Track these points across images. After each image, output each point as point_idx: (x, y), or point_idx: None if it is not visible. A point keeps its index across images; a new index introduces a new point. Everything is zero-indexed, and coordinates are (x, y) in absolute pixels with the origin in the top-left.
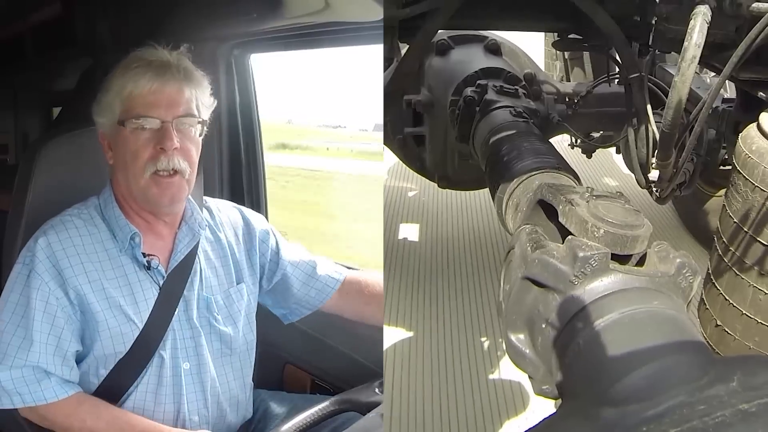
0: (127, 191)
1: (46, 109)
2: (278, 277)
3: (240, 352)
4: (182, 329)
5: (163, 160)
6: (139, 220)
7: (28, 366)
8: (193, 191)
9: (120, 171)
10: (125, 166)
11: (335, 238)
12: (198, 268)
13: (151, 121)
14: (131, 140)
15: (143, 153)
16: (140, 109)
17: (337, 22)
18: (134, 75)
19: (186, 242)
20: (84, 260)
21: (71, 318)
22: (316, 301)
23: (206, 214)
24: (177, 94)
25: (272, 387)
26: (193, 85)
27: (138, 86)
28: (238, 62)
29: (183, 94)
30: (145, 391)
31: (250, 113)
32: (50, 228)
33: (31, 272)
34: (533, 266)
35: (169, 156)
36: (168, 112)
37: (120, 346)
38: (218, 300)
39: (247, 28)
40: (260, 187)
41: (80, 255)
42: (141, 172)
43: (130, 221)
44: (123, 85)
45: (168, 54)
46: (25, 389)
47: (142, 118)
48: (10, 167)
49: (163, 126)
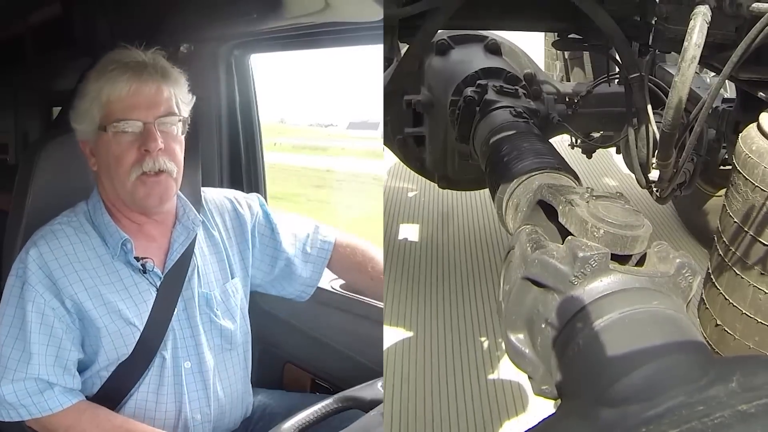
0: (114, 195)
1: (46, 109)
2: (281, 263)
3: (239, 347)
4: (182, 328)
5: (148, 162)
6: (130, 223)
7: (30, 378)
8: (190, 189)
9: (105, 176)
10: (110, 171)
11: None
12: (195, 264)
13: (132, 123)
14: (114, 144)
15: (128, 156)
16: (120, 112)
17: (337, 22)
18: (111, 78)
19: (181, 241)
20: (78, 268)
21: (70, 327)
22: (317, 274)
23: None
24: (156, 95)
25: (272, 386)
26: (170, 83)
27: (116, 89)
28: (238, 62)
29: (162, 94)
30: (146, 391)
31: (250, 113)
32: (40, 238)
33: (24, 284)
34: (533, 266)
35: (154, 157)
36: (149, 113)
37: (122, 349)
38: (216, 295)
39: (247, 28)
40: (260, 187)
41: (73, 264)
42: (127, 175)
43: (121, 226)
44: (100, 90)
45: (143, 54)
46: (29, 401)
47: (123, 121)
48: (10, 167)
49: (146, 127)
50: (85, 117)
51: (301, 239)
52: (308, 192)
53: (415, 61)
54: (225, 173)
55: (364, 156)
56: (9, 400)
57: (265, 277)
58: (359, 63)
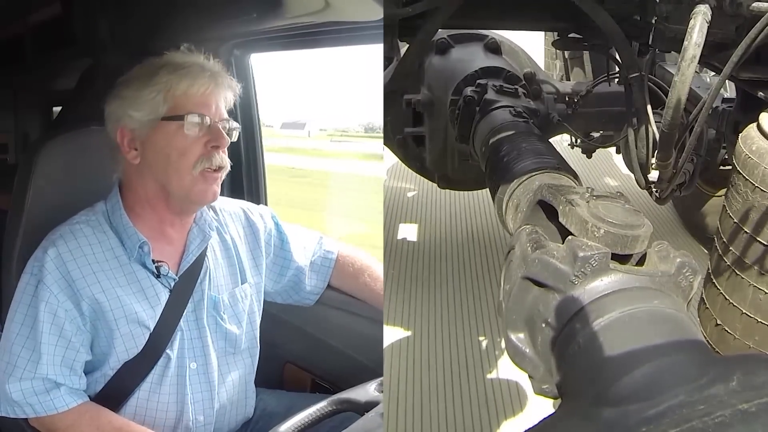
0: (153, 192)
1: (46, 109)
2: (291, 272)
3: (243, 352)
4: (190, 329)
5: (216, 158)
6: (151, 224)
7: (38, 378)
8: None
9: (156, 169)
10: (167, 164)
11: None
12: (207, 267)
13: (204, 118)
14: (180, 137)
15: (194, 150)
16: (194, 106)
17: (337, 22)
18: (190, 73)
19: (197, 243)
20: (96, 269)
21: (80, 329)
22: (322, 283)
23: (211, 213)
24: (223, 98)
25: (272, 386)
26: (231, 92)
27: (195, 85)
28: (238, 62)
29: (227, 100)
30: (148, 390)
31: (250, 113)
32: (59, 238)
33: (39, 283)
34: (533, 266)
35: (221, 154)
36: (217, 113)
37: (133, 350)
38: (224, 299)
39: (247, 28)
40: (261, 187)
41: (91, 264)
42: (190, 169)
43: (140, 228)
44: (175, 82)
45: (208, 60)
46: (35, 400)
47: (197, 114)
48: (10, 167)
49: (214, 125)
50: (147, 105)
51: (309, 250)
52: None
53: (415, 61)
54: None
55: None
56: (15, 398)
57: (274, 286)
58: (359, 62)
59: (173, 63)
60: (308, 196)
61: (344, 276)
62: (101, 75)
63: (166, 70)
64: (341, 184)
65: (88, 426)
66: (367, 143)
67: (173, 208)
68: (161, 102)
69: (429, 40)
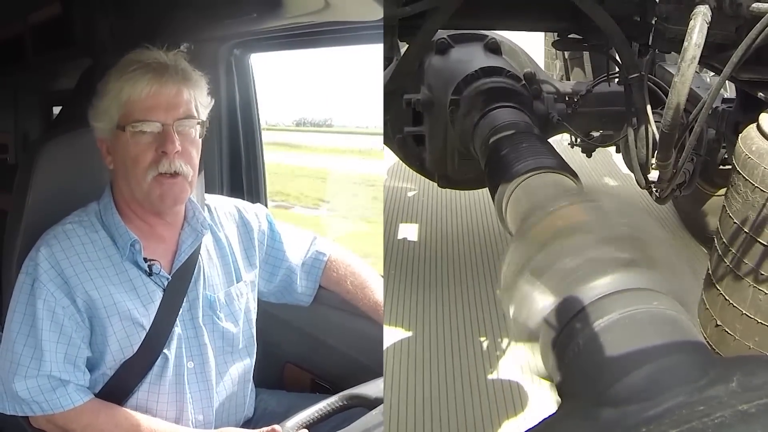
0: (129, 195)
1: (46, 109)
2: (283, 272)
3: (241, 351)
4: (186, 329)
5: (164, 164)
6: (141, 224)
7: (43, 376)
8: (195, 191)
9: (121, 175)
10: (126, 171)
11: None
12: (201, 266)
13: (151, 124)
14: (132, 144)
15: (145, 157)
16: (139, 113)
17: (337, 22)
18: (131, 78)
19: (189, 243)
20: (89, 267)
21: (80, 325)
22: (314, 283)
23: (206, 212)
24: (176, 96)
25: (272, 386)
26: (191, 85)
27: (136, 90)
28: (238, 62)
29: (182, 96)
30: (147, 391)
31: (250, 113)
32: (52, 237)
33: (35, 282)
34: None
35: (170, 159)
36: (168, 115)
37: (128, 349)
38: (220, 298)
39: (247, 28)
40: (260, 187)
41: (84, 263)
42: (143, 176)
43: (131, 226)
44: (120, 89)
45: (164, 55)
46: (42, 398)
47: (142, 122)
48: (10, 167)
49: (164, 129)
50: (104, 116)
51: (302, 250)
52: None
53: (415, 61)
54: (225, 174)
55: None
56: (22, 396)
57: (267, 286)
58: (359, 62)
59: (122, 67)
60: (308, 194)
61: (330, 279)
62: (101, 75)
63: (114, 77)
64: (341, 183)
65: (107, 423)
66: (367, 141)
67: (149, 210)
68: (115, 111)
69: (429, 40)
